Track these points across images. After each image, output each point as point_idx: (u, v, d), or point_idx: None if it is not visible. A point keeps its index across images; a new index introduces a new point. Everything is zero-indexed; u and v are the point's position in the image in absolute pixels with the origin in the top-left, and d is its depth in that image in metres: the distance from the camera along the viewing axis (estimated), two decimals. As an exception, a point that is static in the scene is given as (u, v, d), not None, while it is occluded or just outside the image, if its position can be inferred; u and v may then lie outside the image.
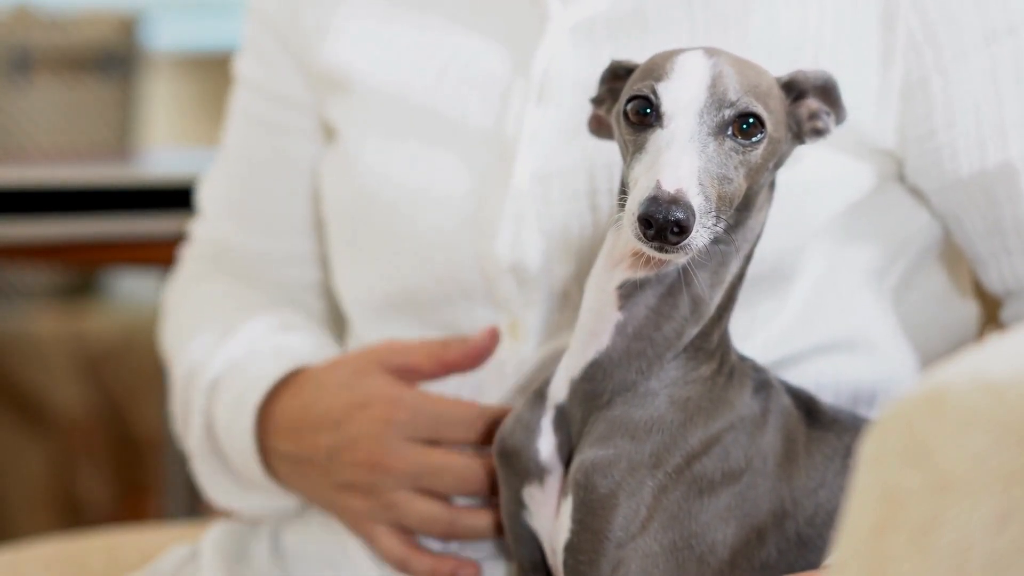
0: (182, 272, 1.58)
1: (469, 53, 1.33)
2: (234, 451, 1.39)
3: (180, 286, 1.56)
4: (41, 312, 3.57)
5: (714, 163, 1.04)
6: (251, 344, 1.41)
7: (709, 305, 1.11)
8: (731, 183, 1.05)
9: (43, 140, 3.66)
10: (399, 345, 1.31)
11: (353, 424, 1.29)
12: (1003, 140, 1.22)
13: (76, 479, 3.22)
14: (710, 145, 1.04)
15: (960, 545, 0.73)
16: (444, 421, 1.27)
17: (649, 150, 1.04)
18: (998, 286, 1.27)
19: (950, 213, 1.27)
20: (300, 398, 1.35)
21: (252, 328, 1.42)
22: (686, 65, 1.06)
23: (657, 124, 1.05)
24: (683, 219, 1.00)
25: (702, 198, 1.02)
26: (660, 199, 1.00)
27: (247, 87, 1.51)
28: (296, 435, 1.34)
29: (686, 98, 1.05)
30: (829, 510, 1.13)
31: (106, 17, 3.78)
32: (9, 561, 1.63)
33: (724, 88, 1.05)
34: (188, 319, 1.50)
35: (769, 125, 1.06)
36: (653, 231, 1.01)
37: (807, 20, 1.24)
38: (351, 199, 1.38)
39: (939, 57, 1.22)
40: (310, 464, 1.33)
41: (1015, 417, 0.73)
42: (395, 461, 1.27)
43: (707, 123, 1.05)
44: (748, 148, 1.06)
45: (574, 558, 1.10)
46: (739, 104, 1.05)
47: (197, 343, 1.44)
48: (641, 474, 1.09)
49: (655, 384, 1.11)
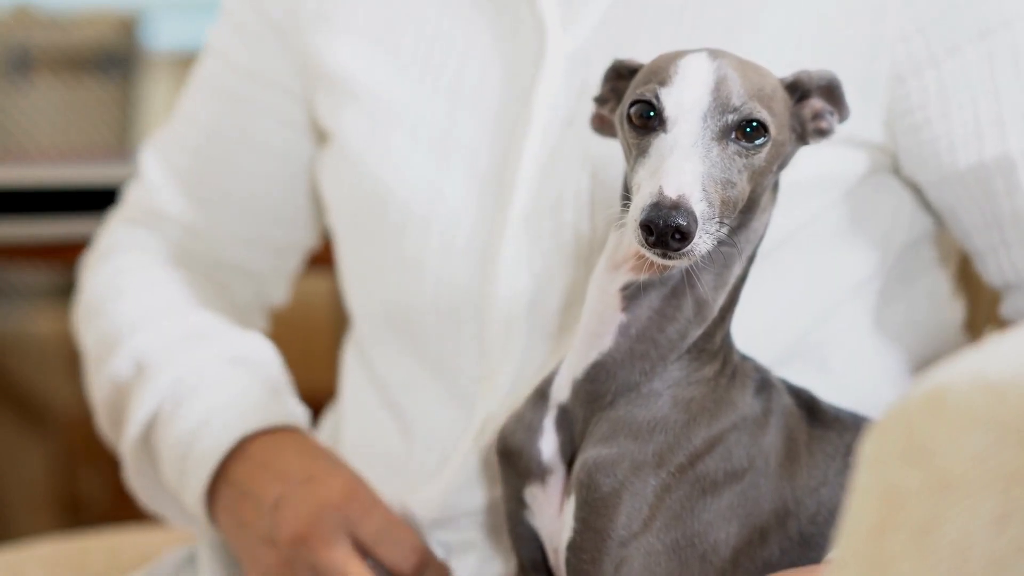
0: (107, 237, 1.54)
1: (473, 73, 1.32)
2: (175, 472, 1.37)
3: (104, 254, 1.52)
4: (41, 312, 3.56)
5: (717, 168, 1.04)
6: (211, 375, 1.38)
7: (712, 307, 1.11)
8: (735, 187, 1.05)
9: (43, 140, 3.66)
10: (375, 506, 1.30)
11: (309, 490, 1.29)
12: (1001, 133, 1.22)
13: (76, 479, 3.22)
14: (713, 150, 1.04)
15: (960, 545, 0.73)
16: (386, 537, 1.27)
17: (652, 154, 1.04)
18: (997, 279, 1.28)
19: (947, 206, 1.27)
20: (275, 442, 1.34)
21: (201, 351, 1.40)
22: (690, 69, 1.06)
23: (660, 128, 1.05)
24: (685, 226, 1.00)
25: (705, 204, 1.02)
26: (662, 205, 1.00)
27: (219, 58, 1.48)
28: (261, 469, 1.32)
29: (689, 103, 1.05)
30: (831, 508, 1.13)
31: (106, 17, 3.78)
32: (9, 561, 1.63)
33: (728, 93, 1.05)
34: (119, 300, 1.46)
35: (773, 129, 1.06)
36: (655, 237, 1.01)
37: (792, 16, 1.24)
38: (354, 212, 1.38)
39: (931, 49, 1.22)
40: (252, 503, 1.32)
41: (1015, 417, 0.73)
42: (321, 547, 1.26)
43: (710, 128, 1.04)
44: (751, 152, 1.06)
45: (577, 557, 1.10)
46: (743, 109, 1.05)
47: (137, 336, 1.41)
48: (644, 474, 1.09)
49: (658, 385, 1.11)
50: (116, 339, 1.42)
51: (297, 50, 1.42)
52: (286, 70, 1.44)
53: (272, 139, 1.46)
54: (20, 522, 3.20)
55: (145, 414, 1.38)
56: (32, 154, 3.58)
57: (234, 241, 1.50)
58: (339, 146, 1.38)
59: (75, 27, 3.70)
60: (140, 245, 1.51)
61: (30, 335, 3.39)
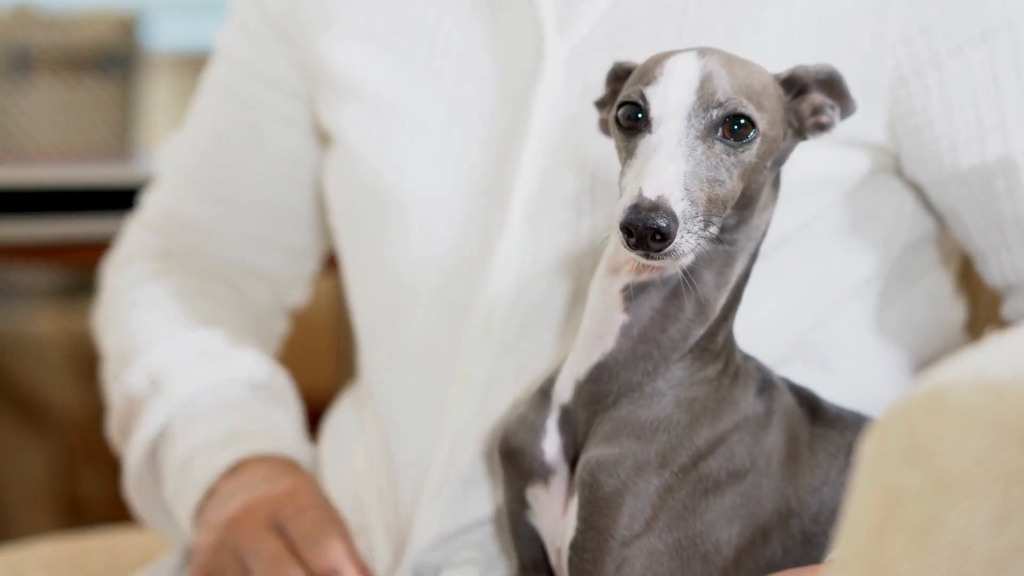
0: (127, 243, 1.55)
1: (472, 76, 1.32)
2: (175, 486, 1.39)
3: (124, 261, 1.54)
4: (41, 312, 3.56)
5: (703, 166, 1.04)
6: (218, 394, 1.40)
7: (714, 306, 1.11)
8: (723, 185, 1.04)
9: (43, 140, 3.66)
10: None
11: (257, 486, 1.32)
12: (1003, 134, 1.23)
13: (76, 479, 3.22)
14: (698, 148, 1.04)
15: (960, 545, 0.73)
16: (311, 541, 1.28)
17: (638, 156, 1.04)
18: (998, 280, 1.28)
19: (949, 207, 1.27)
20: (270, 466, 1.36)
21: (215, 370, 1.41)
22: (676, 68, 1.06)
23: (646, 129, 1.05)
24: (664, 227, 1.00)
25: (687, 203, 1.01)
26: (641, 207, 1.00)
27: (228, 61, 1.49)
28: (239, 482, 1.35)
29: (674, 102, 1.04)
30: (833, 508, 1.13)
31: (106, 17, 3.77)
32: (9, 561, 1.63)
33: (712, 89, 1.05)
34: (137, 311, 1.48)
35: (762, 124, 1.06)
36: (635, 239, 1.00)
37: (792, 17, 1.24)
38: (354, 211, 1.38)
39: (934, 50, 1.22)
40: (216, 501, 1.34)
41: (1015, 417, 0.73)
42: (248, 530, 1.29)
43: (695, 126, 1.04)
44: (740, 149, 1.05)
45: (579, 556, 1.10)
46: (727, 105, 1.05)
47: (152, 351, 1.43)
48: (647, 473, 1.09)
49: (661, 385, 1.11)
50: (132, 352, 1.43)
51: (300, 52, 1.42)
52: (290, 72, 1.44)
53: (279, 142, 1.47)
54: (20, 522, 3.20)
55: (154, 428, 1.39)
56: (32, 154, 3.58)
57: (247, 244, 1.50)
58: (340, 146, 1.38)
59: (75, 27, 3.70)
60: (158, 252, 1.52)
61: (30, 335, 3.39)
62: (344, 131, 1.37)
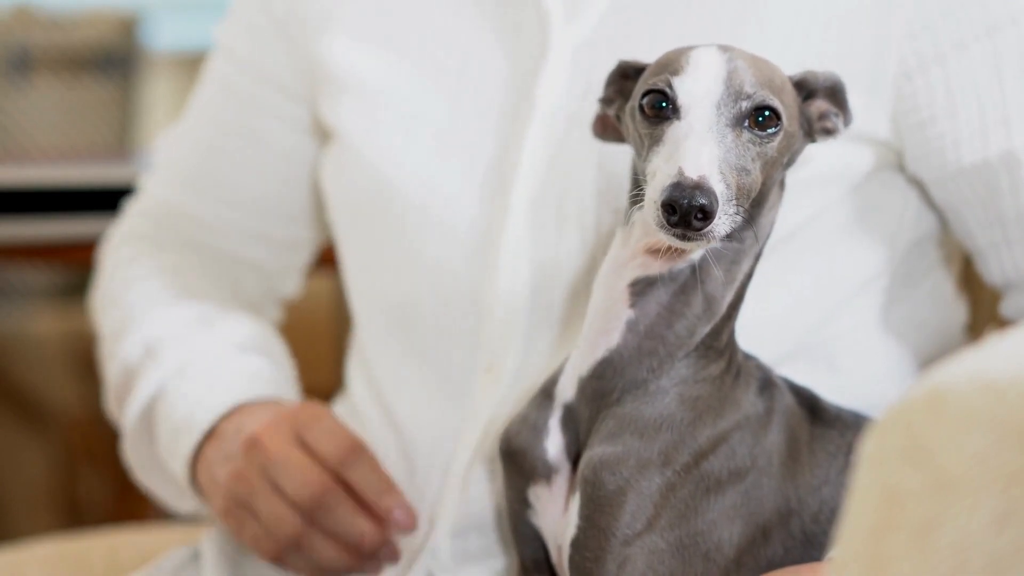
0: (123, 227, 1.57)
1: (475, 69, 1.33)
2: (170, 439, 1.39)
3: (120, 243, 1.55)
4: (41, 312, 3.56)
5: (732, 154, 1.05)
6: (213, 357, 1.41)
7: (721, 303, 1.11)
8: (749, 174, 1.05)
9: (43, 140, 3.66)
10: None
11: (268, 409, 1.33)
12: (1006, 130, 1.23)
13: (76, 479, 3.22)
14: (728, 136, 1.05)
15: (960, 545, 0.73)
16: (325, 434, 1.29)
17: (667, 142, 1.05)
18: (998, 278, 1.28)
19: (950, 204, 1.27)
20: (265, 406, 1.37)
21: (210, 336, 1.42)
22: (701, 60, 1.07)
23: (674, 116, 1.06)
24: (707, 204, 1.00)
25: (723, 185, 1.02)
26: (684, 185, 1.00)
27: (229, 58, 1.50)
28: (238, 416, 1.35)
29: (703, 91, 1.05)
30: (833, 507, 1.13)
31: (106, 17, 3.78)
32: (9, 561, 1.63)
33: (740, 81, 1.06)
34: (132, 289, 1.49)
35: (784, 118, 1.07)
36: (677, 217, 1.01)
37: (798, 12, 1.24)
38: (355, 206, 1.38)
39: (938, 46, 1.22)
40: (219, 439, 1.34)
41: (1015, 417, 0.73)
42: (270, 445, 1.29)
43: (724, 115, 1.05)
44: (764, 140, 1.06)
45: (580, 555, 1.10)
46: (755, 97, 1.06)
47: (147, 322, 1.44)
48: (649, 472, 1.09)
49: (665, 382, 1.11)
50: (128, 325, 1.45)
51: (301, 49, 1.42)
52: (288, 70, 1.45)
53: (274, 137, 1.47)
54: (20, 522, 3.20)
55: (151, 390, 1.40)
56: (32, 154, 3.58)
57: (240, 236, 1.51)
58: (341, 141, 1.38)
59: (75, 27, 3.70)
60: (152, 236, 1.53)
61: (30, 335, 3.39)
62: (345, 127, 1.38)
